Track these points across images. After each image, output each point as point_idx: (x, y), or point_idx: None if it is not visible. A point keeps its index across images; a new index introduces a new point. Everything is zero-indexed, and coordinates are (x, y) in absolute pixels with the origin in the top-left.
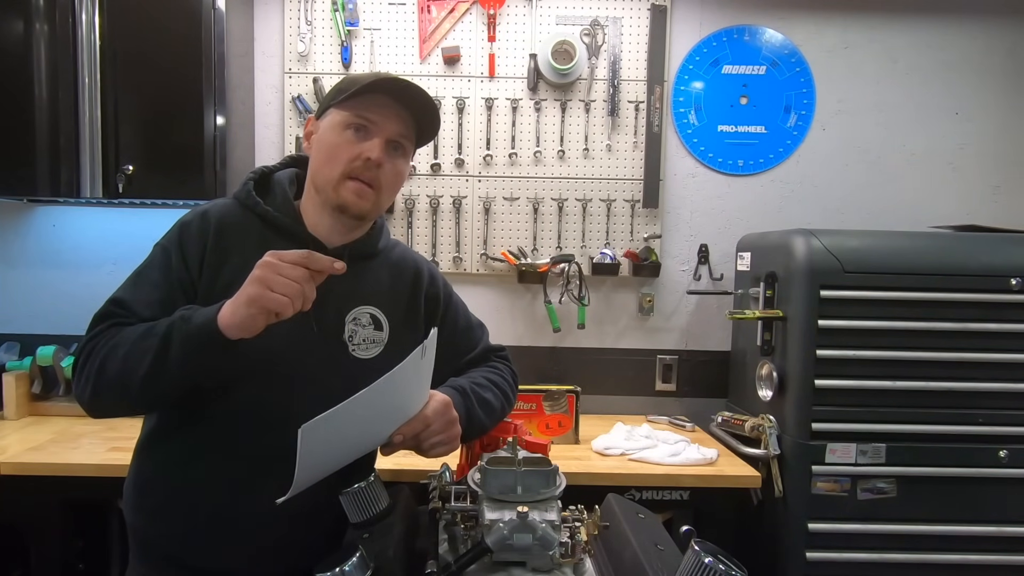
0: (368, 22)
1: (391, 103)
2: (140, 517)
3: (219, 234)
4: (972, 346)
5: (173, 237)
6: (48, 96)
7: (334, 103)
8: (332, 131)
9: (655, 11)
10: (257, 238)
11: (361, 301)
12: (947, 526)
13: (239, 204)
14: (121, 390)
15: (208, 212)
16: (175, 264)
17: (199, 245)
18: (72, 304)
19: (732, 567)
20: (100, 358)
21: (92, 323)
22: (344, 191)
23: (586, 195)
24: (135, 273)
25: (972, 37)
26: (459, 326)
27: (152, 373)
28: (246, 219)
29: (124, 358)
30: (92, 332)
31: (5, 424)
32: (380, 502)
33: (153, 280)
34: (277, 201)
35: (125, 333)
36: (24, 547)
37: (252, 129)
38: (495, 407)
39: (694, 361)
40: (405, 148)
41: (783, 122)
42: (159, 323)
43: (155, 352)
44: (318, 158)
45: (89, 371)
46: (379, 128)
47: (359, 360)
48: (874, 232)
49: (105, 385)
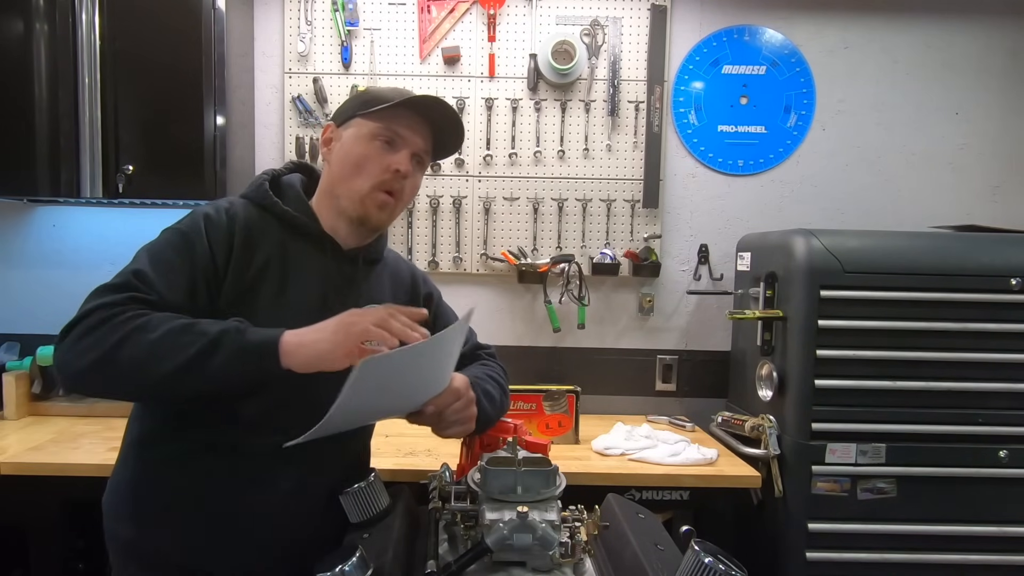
0: (368, 22)
1: (418, 118)
2: (133, 526)
3: (245, 232)
4: (972, 346)
5: (196, 225)
6: (48, 96)
7: (361, 113)
8: (360, 142)
9: (655, 11)
10: (278, 237)
11: (374, 301)
12: (947, 526)
13: (254, 204)
14: (135, 377)
15: (231, 210)
16: (200, 252)
17: (226, 237)
18: (72, 304)
19: (732, 567)
20: (120, 334)
21: (102, 290)
22: (370, 203)
23: (586, 195)
24: (150, 250)
25: (972, 37)
26: (450, 323)
27: (182, 373)
28: (264, 219)
29: (152, 345)
30: (105, 298)
31: (5, 424)
32: (380, 502)
33: (173, 263)
34: (292, 202)
35: (155, 318)
36: (24, 547)
37: (252, 129)
38: (496, 400)
39: (694, 361)
40: (424, 162)
41: (783, 122)
42: (204, 323)
43: (197, 351)
44: (343, 167)
45: (99, 340)
46: (407, 142)
47: None
48: (874, 232)
49: (116, 364)
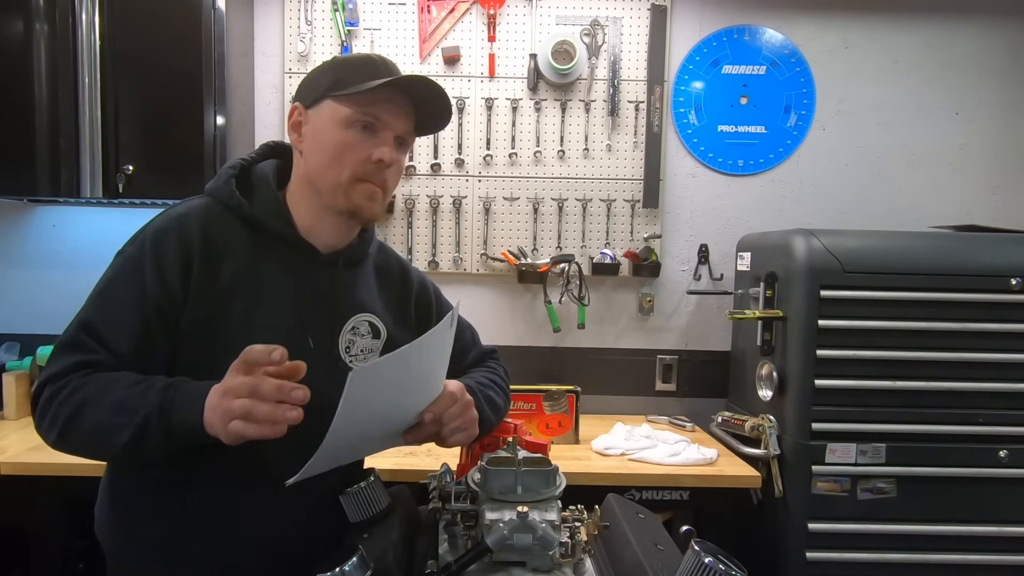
0: (368, 22)
1: (399, 97)
2: (130, 543)
3: (205, 243)
4: (972, 346)
5: (146, 250)
6: (48, 96)
7: (333, 94)
8: (335, 128)
9: (655, 11)
10: (246, 243)
11: (357, 309)
12: (947, 526)
13: (220, 204)
14: (93, 452)
15: (187, 217)
16: (150, 283)
17: (181, 261)
18: (72, 304)
19: (732, 567)
20: (67, 411)
21: (55, 351)
22: (355, 195)
23: (586, 195)
24: (99, 288)
25: (972, 37)
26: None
27: (129, 450)
28: (229, 221)
29: (96, 425)
30: (55, 367)
31: (5, 424)
32: (380, 502)
33: (123, 300)
34: (263, 200)
35: (93, 389)
36: (24, 547)
37: (252, 129)
38: (499, 405)
39: (694, 361)
40: (407, 143)
41: (783, 122)
42: (134, 397)
43: (132, 434)
44: (319, 158)
45: (53, 419)
46: (388, 125)
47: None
48: (874, 232)
49: (74, 441)
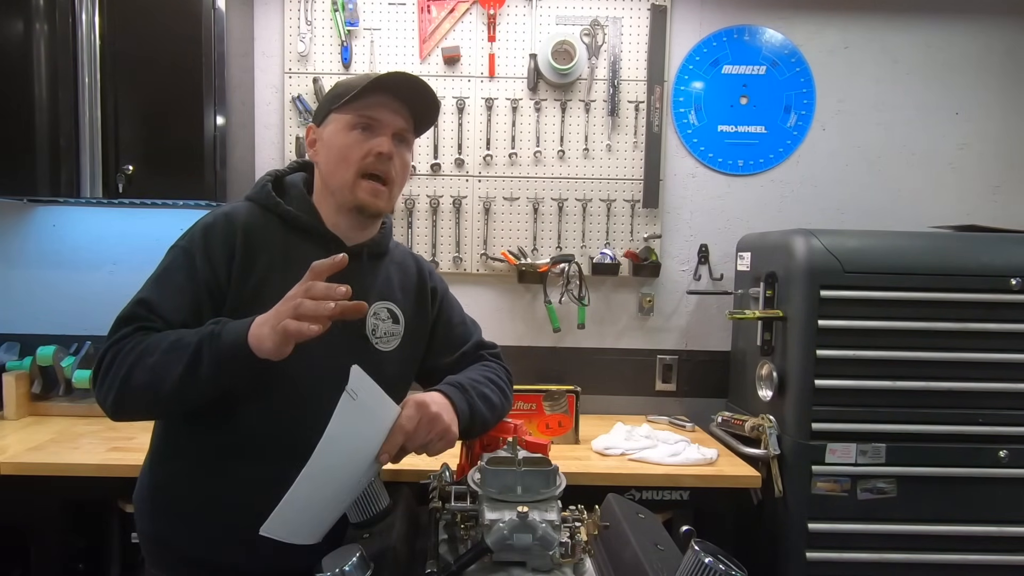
0: (368, 22)
1: (390, 99)
2: (163, 522)
3: (246, 236)
4: (972, 346)
5: (196, 240)
6: (48, 96)
7: (334, 108)
8: (338, 134)
9: (655, 11)
10: (281, 238)
11: (379, 297)
12: (947, 526)
13: (258, 206)
14: (149, 400)
15: (231, 214)
16: (200, 267)
17: (226, 248)
18: (72, 304)
19: (732, 567)
20: (127, 366)
21: (115, 325)
22: (360, 191)
23: (586, 195)
24: (156, 275)
25: (972, 37)
26: (453, 321)
27: (181, 386)
28: (267, 220)
29: (152, 368)
30: (116, 335)
31: (5, 424)
32: (380, 502)
33: (177, 283)
34: (295, 201)
35: (152, 341)
36: (24, 547)
37: (252, 129)
38: (495, 402)
39: (694, 361)
40: (408, 140)
41: (783, 122)
42: (187, 335)
43: (185, 365)
44: (329, 161)
45: (114, 378)
46: (383, 124)
47: (381, 353)
48: (874, 232)
49: (131, 393)
